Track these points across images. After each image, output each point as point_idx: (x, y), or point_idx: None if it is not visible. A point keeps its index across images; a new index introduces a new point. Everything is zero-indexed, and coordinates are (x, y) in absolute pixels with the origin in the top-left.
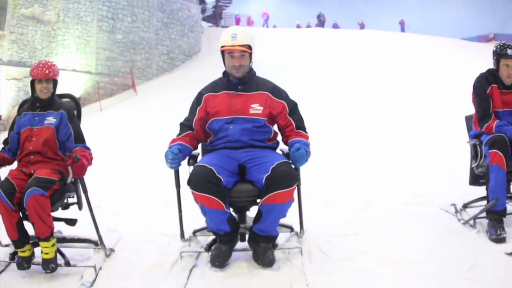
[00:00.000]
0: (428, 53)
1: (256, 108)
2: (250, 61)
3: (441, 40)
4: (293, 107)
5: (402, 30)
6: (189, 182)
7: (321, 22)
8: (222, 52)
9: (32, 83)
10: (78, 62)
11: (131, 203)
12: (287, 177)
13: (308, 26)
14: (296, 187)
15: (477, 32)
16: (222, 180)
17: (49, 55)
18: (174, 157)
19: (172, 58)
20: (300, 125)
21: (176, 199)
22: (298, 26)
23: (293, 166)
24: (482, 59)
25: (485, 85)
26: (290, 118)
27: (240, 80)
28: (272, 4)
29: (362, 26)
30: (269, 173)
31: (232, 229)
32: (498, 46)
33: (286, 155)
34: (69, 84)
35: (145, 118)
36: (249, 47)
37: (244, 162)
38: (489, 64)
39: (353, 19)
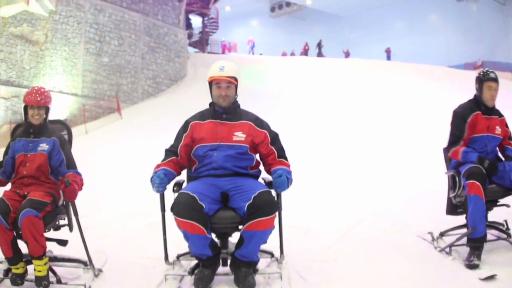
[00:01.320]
0: (412, 81)
1: (239, 136)
2: (236, 93)
3: (427, 68)
4: (275, 137)
5: (388, 58)
6: (173, 209)
7: (320, 50)
8: (210, 84)
9: (25, 108)
10: (65, 84)
11: (117, 226)
12: (268, 206)
13: (292, 54)
14: (277, 214)
15: (465, 60)
16: (204, 207)
17: (37, 75)
18: (161, 181)
19: (157, 82)
20: (282, 154)
21: (161, 223)
22: (284, 54)
23: (274, 195)
24: (467, 88)
25: (466, 114)
26: (272, 147)
27: (225, 109)
28: (258, 31)
29: (347, 55)
30: (251, 201)
31: (213, 254)
32: (481, 72)
33: (268, 183)
34: (55, 106)
35: (130, 142)
36: (235, 79)
37: (227, 190)
38: (473, 93)
39: (339, 47)
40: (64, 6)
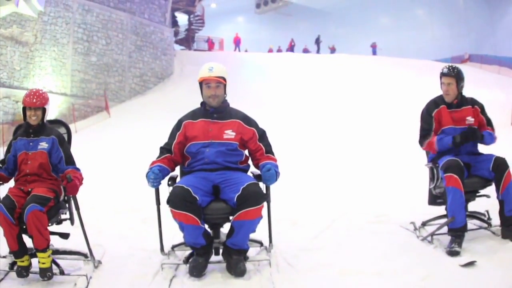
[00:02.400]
0: (397, 75)
1: (229, 134)
2: (225, 92)
3: (412, 62)
4: (262, 134)
5: (374, 53)
6: (168, 201)
7: (319, 46)
8: (200, 84)
9: (24, 109)
10: (54, 83)
11: (112, 222)
12: (255, 197)
13: (279, 51)
14: (266, 205)
15: (452, 53)
16: (198, 199)
17: (27, 76)
18: (156, 177)
19: (145, 80)
20: (269, 149)
21: (157, 215)
22: (270, 50)
23: (261, 186)
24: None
25: (430, 109)
26: (260, 144)
27: (215, 109)
28: (243, 28)
29: (333, 50)
30: (240, 192)
31: (207, 243)
32: (442, 68)
33: (256, 176)
34: (50, 108)
35: (119, 139)
36: (224, 78)
37: (218, 183)
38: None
39: (325, 43)
40: (53, 7)
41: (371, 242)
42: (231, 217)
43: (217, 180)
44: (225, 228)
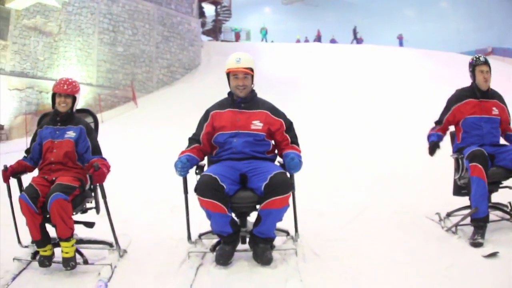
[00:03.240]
0: (425, 67)
1: (257, 125)
2: (252, 83)
3: (439, 54)
4: (289, 125)
5: (401, 44)
6: (196, 189)
7: (356, 37)
8: (228, 75)
9: (53, 96)
10: (80, 74)
11: (138, 211)
12: (283, 185)
13: (306, 41)
14: (291, 195)
15: (476, 46)
16: (225, 187)
17: (51, 66)
18: (183, 166)
19: (172, 71)
20: (294, 140)
21: (184, 204)
22: (297, 41)
23: (288, 175)
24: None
25: (453, 101)
26: (287, 135)
27: (243, 99)
28: (270, 18)
29: (360, 41)
30: (267, 181)
31: (234, 231)
32: (473, 58)
33: (283, 165)
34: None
35: (146, 129)
36: (251, 69)
37: (245, 172)
38: None
39: (351, 34)
40: None
41: (396, 232)
42: (258, 206)
43: (245, 169)
44: (252, 217)
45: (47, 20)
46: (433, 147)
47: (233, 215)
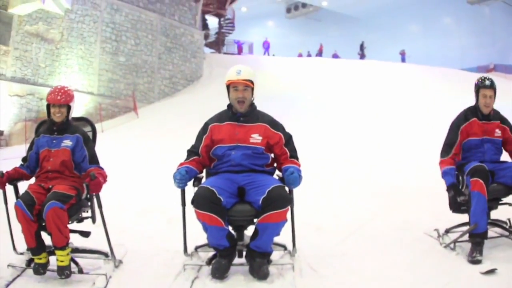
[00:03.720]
0: (426, 83)
1: (256, 138)
2: (252, 95)
3: (441, 70)
4: (289, 139)
5: (403, 60)
6: (193, 202)
7: (363, 52)
8: (228, 87)
9: (48, 106)
10: (81, 82)
11: (135, 222)
12: (281, 199)
13: (309, 55)
14: (290, 208)
15: (478, 63)
16: (222, 200)
17: (52, 73)
18: (182, 178)
19: (174, 82)
20: (294, 154)
21: (182, 216)
22: (299, 55)
23: (287, 190)
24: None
25: (460, 122)
26: (286, 148)
27: (242, 113)
28: (273, 32)
29: (362, 56)
30: (265, 195)
31: (230, 245)
32: (479, 79)
33: (281, 179)
34: (75, 106)
35: (146, 140)
36: (252, 82)
37: (243, 185)
38: None
39: (354, 49)
40: (80, 5)
41: (395, 248)
42: (255, 220)
43: (243, 182)
44: (249, 231)
45: (49, 27)
46: (455, 195)
47: (230, 228)
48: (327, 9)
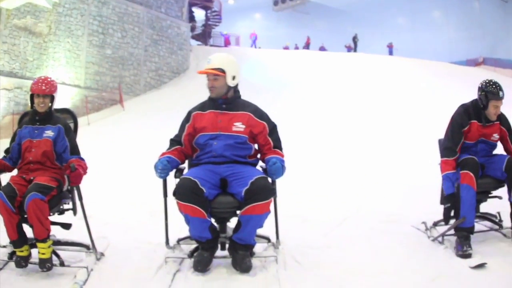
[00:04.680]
0: (414, 76)
1: (239, 126)
2: (225, 83)
3: (429, 63)
4: (273, 128)
5: (390, 53)
6: (175, 193)
7: (355, 44)
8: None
9: (32, 96)
10: (68, 75)
11: (119, 214)
12: (264, 191)
13: (296, 48)
14: (273, 200)
15: (467, 56)
16: (205, 191)
17: (40, 67)
18: (164, 168)
19: (160, 75)
20: (277, 144)
21: (163, 208)
22: (286, 48)
23: (270, 181)
24: (469, 84)
25: (464, 121)
26: (269, 138)
27: (224, 100)
28: (260, 25)
29: (349, 49)
30: (248, 186)
31: (213, 237)
32: (491, 86)
33: (265, 170)
34: (58, 97)
35: (131, 133)
36: (222, 70)
37: (225, 176)
38: (474, 90)
39: (342, 42)
40: None
41: (381, 241)
42: (238, 212)
43: (225, 173)
44: (232, 223)
45: (38, 21)
46: (450, 201)
47: (213, 220)
48: (315, 1)
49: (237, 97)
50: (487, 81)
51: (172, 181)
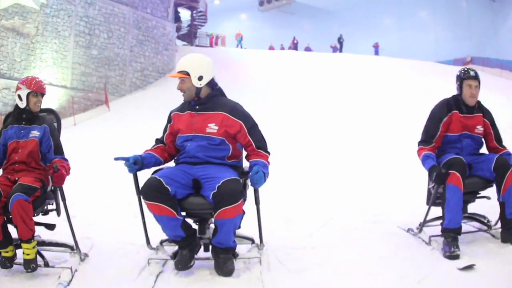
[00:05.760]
0: (399, 76)
1: (212, 128)
2: (193, 85)
3: (415, 63)
4: (252, 127)
5: (376, 53)
6: (141, 192)
7: (340, 45)
8: None
9: (23, 95)
10: (55, 76)
11: (103, 215)
12: (231, 195)
13: (282, 48)
14: (256, 205)
15: (454, 55)
16: (170, 190)
17: (28, 68)
18: (128, 161)
19: (145, 75)
20: (260, 144)
21: (138, 206)
22: (271, 48)
23: (240, 182)
24: (455, 83)
25: (442, 113)
26: (250, 138)
27: (198, 101)
28: (246, 25)
29: (335, 49)
30: (215, 190)
31: (187, 234)
32: (462, 71)
33: (246, 173)
34: (45, 98)
35: (117, 133)
36: (186, 73)
37: (198, 177)
38: None
39: (327, 42)
40: (55, 0)
41: (366, 242)
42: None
43: (198, 174)
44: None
45: (25, 22)
46: (442, 175)
47: (191, 221)
48: (300, 2)
49: (212, 96)
50: (461, 69)
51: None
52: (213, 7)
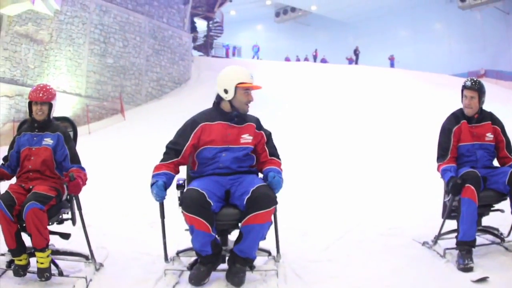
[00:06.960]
0: (414, 88)
1: (246, 138)
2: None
3: (430, 76)
4: (269, 136)
5: (392, 65)
6: (181, 203)
7: (356, 57)
8: (235, 88)
9: (30, 104)
10: (69, 84)
11: (118, 224)
12: (266, 199)
13: (297, 60)
14: (275, 210)
15: (469, 68)
16: (212, 204)
17: (41, 75)
18: (158, 191)
19: (161, 85)
20: (273, 152)
21: (161, 228)
22: (287, 59)
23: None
24: None
25: (451, 124)
26: (266, 147)
27: (238, 113)
28: (262, 36)
29: (351, 61)
30: (249, 194)
31: (213, 252)
32: (464, 82)
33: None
34: (59, 105)
35: (132, 143)
36: None
37: (230, 187)
38: None
39: (343, 54)
40: (70, 6)
41: (382, 255)
42: (239, 224)
43: (229, 185)
44: (233, 236)
45: (39, 28)
46: (458, 185)
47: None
48: (316, 13)
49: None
50: (466, 79)
51: (171, 198)
52: (229, 17)
